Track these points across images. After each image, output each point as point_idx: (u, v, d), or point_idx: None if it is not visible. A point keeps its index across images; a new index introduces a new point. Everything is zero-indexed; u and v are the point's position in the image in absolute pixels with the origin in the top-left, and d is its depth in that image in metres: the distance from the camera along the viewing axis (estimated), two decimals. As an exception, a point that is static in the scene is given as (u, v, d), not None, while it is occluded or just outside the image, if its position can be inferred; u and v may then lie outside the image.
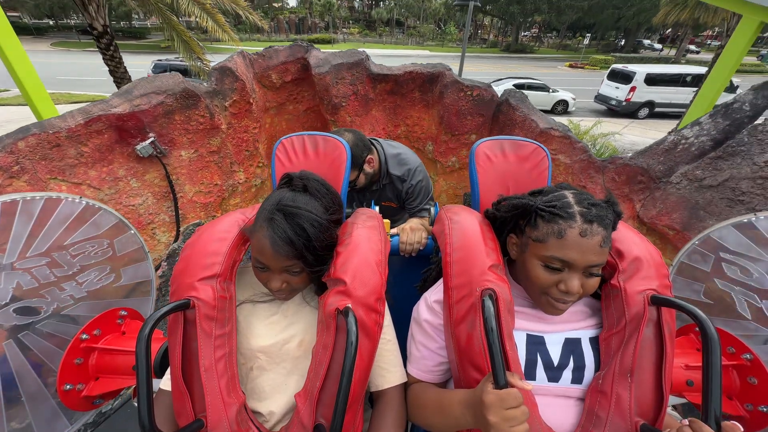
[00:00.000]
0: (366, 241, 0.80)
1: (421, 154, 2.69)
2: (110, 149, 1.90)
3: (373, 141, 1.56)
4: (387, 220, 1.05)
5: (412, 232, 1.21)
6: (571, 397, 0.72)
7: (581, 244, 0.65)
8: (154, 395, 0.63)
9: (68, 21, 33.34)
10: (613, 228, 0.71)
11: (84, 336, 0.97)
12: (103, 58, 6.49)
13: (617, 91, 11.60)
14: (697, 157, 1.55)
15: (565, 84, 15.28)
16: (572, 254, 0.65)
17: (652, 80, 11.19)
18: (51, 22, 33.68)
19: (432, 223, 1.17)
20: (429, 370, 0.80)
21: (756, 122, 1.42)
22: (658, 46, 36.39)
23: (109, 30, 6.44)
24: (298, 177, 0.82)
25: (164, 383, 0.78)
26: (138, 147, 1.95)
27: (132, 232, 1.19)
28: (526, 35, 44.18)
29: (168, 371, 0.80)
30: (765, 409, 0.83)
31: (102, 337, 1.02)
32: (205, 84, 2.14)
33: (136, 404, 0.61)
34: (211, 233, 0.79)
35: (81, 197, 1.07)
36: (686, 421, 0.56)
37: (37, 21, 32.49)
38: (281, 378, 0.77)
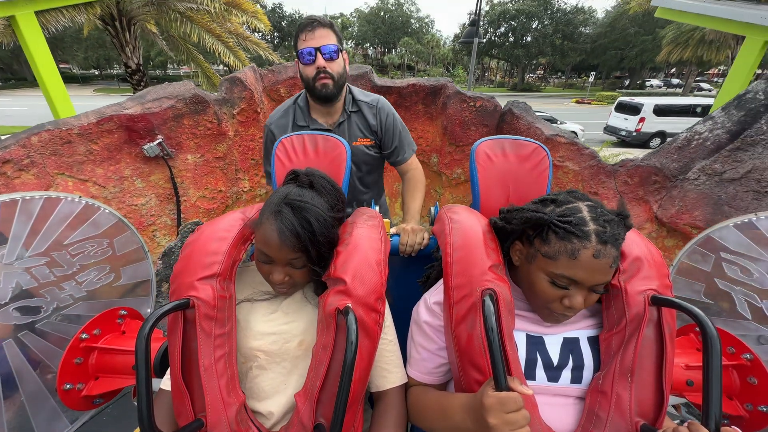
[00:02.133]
0: (366, 241, 0.80)
1: (426, 166, 2.69)
2: (119, 149, 1.96)
3: None
4: (387, 220, 1.04)
5: (414, 233, 1.19)
6: (571, 396, 0.71)
7: (593, 265, 0.63)
8: (154, 395, 0.63)
9: (111, 71, 37.32)
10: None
11: (84, 335, 0.98)
12: (134, 93, 7.64)
13: (626, 123, 11.84)
14: (714, 152, 1.50)
15: (572, 118, 15.56)
16: (582, 274, 0.64)
17: (661, 111, 11.45)
18: (96, 72, 37.83)
19: (432, 223, 1.16)
20: (429, 372, 0.79)
21: None
22: (675, 81, 37.15)
23: (141, 68, 7.60)
24: (304, 173, 0.83)
25: (164, 383, 0.77)
26: (145, 146, 1.98)
27: (131, 231, 1.20)
28: (532, 76, 46.07)
29: (168, 371, 0.79)
30: (765, 409, 0.83)
31: (102, 336, 1.02)
32: (215, 93, 2.25)
33: (135, 404, 0.61)
34: (211, 232, 0.79)
35: (80, 196, 1.10)
36: (686, 423, 0.57)
37: (84, 71, 36.73)
38: (281, 377, 0.76)
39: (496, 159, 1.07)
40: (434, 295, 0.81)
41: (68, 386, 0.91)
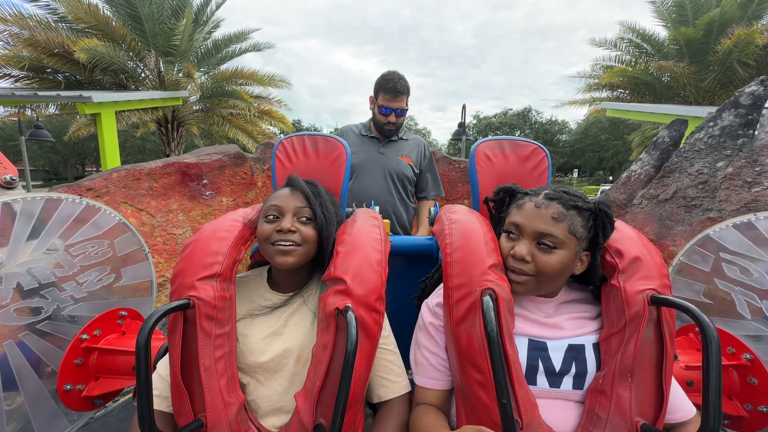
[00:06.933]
0: (366, 240, 0.80)
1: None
2: (172, 188, 2.46)
3: None
4: (387, 221, 1.04)
5: None
6: (571, 399, 0.71)
7: (533, 212, 0.70)
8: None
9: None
10: (606, 231, 0.73)
11: (84, 336, 0.98)
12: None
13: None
14: (647, 182, 1.98)
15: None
16: (521, 219, 0.71)
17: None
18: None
19: (432, 223, 1.15)
20: (438, 376, 0.78)
21: (679, 147, 1.91)
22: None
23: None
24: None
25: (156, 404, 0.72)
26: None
27: (132, 232, 1.19)
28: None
29: (155, 384, 0.77)
30: (765, 409, 0.83)
31: (102, 337, 1.02)
32: (252, 153, 2.84)
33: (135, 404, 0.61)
34: (212, 232, 0.79)
35: (81, 197, 1.09)
36: None
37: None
38: (278, 394, 0.75)
39: (495, 160, 1.08)
40: (436, 297, 0.81)
41: (69, 387, 0.92)
